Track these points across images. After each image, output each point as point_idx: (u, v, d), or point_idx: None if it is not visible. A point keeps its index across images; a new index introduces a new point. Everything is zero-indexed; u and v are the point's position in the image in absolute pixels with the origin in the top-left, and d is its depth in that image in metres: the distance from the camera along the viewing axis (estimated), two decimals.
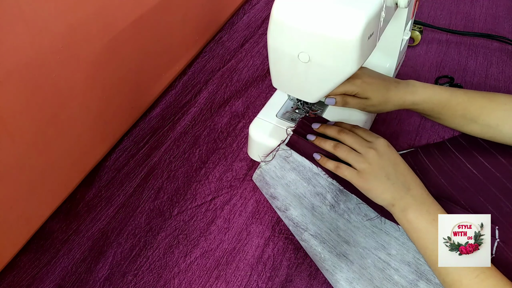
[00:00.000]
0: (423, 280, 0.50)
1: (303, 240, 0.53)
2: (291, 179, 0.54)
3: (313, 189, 0.53)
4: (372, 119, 0.68)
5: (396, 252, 0.52)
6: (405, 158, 0.62)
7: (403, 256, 0.51)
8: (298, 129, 0.55)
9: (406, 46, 0.70)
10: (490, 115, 0.52)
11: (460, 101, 0.52)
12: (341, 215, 0.53)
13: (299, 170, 0.54)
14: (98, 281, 0.54)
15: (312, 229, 0.53)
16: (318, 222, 0.53)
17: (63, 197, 0.61)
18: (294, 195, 0.54)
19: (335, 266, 0.50)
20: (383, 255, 0.51)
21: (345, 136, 0.51)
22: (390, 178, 0.48)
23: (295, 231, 0.54)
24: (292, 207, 0.54)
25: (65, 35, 0.50)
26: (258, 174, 0.57)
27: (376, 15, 0.43)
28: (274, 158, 0.55)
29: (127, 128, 0.70)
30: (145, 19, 0.64)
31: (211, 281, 0.53)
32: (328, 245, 0.51)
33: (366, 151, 0.49)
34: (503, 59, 0.79)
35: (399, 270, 0.50)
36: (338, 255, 0.51)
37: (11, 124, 0.48)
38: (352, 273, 0.49)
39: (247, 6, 0.95)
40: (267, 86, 0.77)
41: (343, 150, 0.50)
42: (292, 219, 0.54)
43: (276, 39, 0.46)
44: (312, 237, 0.52)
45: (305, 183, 0.54)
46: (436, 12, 0.90)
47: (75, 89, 0.55)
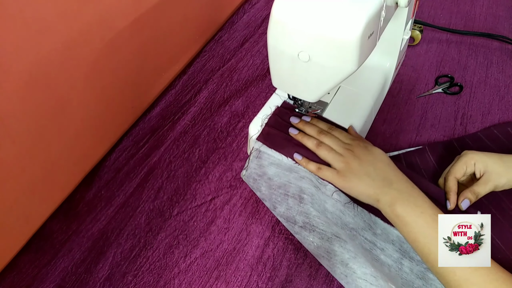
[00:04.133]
0: (406, 258, 0.51)
1: (296, 233, 0.53)
2: (272, 172, 0.55)
3: (297, 175, 0.54)
4: (372, 119, 0.68)
5: (381, 232, 0.52)
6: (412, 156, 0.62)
7: (388, 235, 0.52)
8: (270, 122, 0.57)
9: (406, 46, 0.70)
10: None
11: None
12: (329, 196, 0.53)
13: (277, 163, 0.55)
14: (98, 281, 0.54)
15: (300, 219, 0.52)
16: (307, 207, 0.52)
17: (63, 197, 0.61)
18: (279, 186, 0.54)
19: (329, 252, 0.50)
20: (369, 235, 0.52)
21: (324, 137, 0.53)
22: (370, 175, 0.49)
23: (288, 226, 0.54)
24: (278, 204, 0.54)
25: (65, 35, 0.50)
26: (245, 179, 0.57)
27: (376, 14, 0.43)
28: (250, 161, 0.56)
29: (127, 127, 0.70)
30: (145, 19, 0.64)
31: (211, 281, 0.53)
32: (318, 231, 0.51)
33: (345, 151, 0.51)
34: (503, 58, 0.79)
35: (385, 249, 0.51)
36: (329, 239, 0.50)
37: (11, 124, 0.48)
38: (347, 252, 0.49)
39: (247, 5, 0.95)
40: (267, 85, 0.77)
41: (323, 149, 0.52)
42: (282, 215, 0.54)
43: (276, 39, 0.46)
44: (302, 228, 0.52)
45: (287, 172, 0.54)
46: (436, 12, 0.90)
47: (75, 89, 0.55)
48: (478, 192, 0.51)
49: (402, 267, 0.50)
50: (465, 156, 0.53)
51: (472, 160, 0.52)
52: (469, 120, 0.69)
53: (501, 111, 0.70)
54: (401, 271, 0.50)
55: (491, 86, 0.74)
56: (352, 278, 0.48)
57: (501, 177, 0.51)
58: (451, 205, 0.52)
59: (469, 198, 0.51)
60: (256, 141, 0.57)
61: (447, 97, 0.73)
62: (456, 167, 0.53)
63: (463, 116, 0.69)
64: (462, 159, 0.53)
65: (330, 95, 0.65)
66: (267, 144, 0.56)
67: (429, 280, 0.49)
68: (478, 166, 0.52)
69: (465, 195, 0.51)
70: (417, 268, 0.50)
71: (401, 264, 0.50)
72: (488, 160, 0.52)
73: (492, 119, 0.69)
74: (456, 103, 0.72)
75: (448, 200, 0.52)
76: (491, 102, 0.71)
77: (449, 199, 0.52)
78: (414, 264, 0.50)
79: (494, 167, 0.52)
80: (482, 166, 0.52)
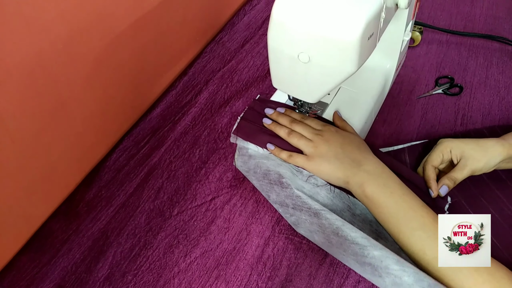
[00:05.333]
0: (382, 239, 0.51)
1: (292, 216, 0.54)
2: (253, 165, 0.57)
3: (275, 162, 0.55)
4: (372, 119, 0.68)
5: (360, 212, 0.53)
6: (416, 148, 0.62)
7: (366, 215, 0.52)
8: (246, 116, 0.59)
9: (406, 47, 0.70)
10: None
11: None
12: (306, 181, 0.54)
13: (254, 155, 0.57)
14: (98, 281, 0.54)
15: (290, 202, 0.53)
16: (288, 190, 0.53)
17: (63, 197, 0.61)
18: (263, 176, 0.55)
19: (320, 226, 0.50)
20: (348, 216, 0.52)
21: (295, 126, 0.55)
22: (339, 158, 0.50)
23: (283, 212, 0.55)
24: (270, 192, 0.56)
25: (65, 35, 0.50)
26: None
27: (376, 15, 0.43)
28: (236, 159, 0.59)
29: (127, 128, 0.70)
30: (146, 20, 0.64)
31: (211, 281, 0.53)
32: (305, 210, 0.51)
33: (314, 137, 0.52)
34: (503, 59, 0.79)
35: (362, 229, 0.51)
36: (316, 214, 0.50)
37: (11, 124, 0.48)
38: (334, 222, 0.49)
39: (248, 6, 0.95)
40: (267, 86, 0.77)
41: (294, 137, 0.53)
42: (275, 202, 0.55)
43: (276, 40, 0.46)
44: (294, 209, 0.53)
45: (265, 161, 0.56)
46: (436, 13, 0.90)
47: (75, 89, 0.55)
48: (456, 178, 0.52)
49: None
50: (441, 144, 0.54)
51: (448, 148, 0.53)
52: (469, 121, 0.69)
53: (501, 112, 0.70)
54: None
55: (491, 87, 0.74)
56: (347, 245, 0.48)
57: (478, 162, 0.52)
58: (434, 192, 0.52)
59: (447, 184, 0.52)
60: (232, 135, 0.58)
61: (447, 98, 0.73)
62: (432, 156, 0.54)
63: (463, 117, 0.69)
64: (438, 147, 0.54)
65: (330, 96, 0.65)
66: (242, 136, 0.57)
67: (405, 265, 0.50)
68: (454, 153, 0.53)
69: (443, 181, 0.52)
70: (391, 248, 0.51)
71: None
72: (465, 146, 0.53)
73: (492, 120, 0.69)
74: (456, 104, 0.72)
75: (430, 188, 0.53)
76: (491, 103, 0.71)
77: (430, 187, 0.53)
78: (389, 245, 0.51)
79: (470, 152, 0.52)
80: (459, 152, 0.53)
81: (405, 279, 0.43)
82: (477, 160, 0.52)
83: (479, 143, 0.53)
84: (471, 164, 0.52)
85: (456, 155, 0.53)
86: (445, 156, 0.54)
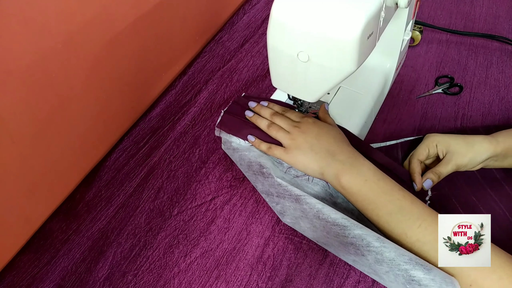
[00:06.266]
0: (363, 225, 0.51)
1: (278, 204, 0.54)
2: (237, 157, 0.58)
3: (256, 153, 0.56)
4: (372, 119, 0.68)
5: (342, 201, 0.53)
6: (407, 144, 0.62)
7: (348, 204, 0.52)
8: (230, 110, 0.60)
9: (407, 47, 0.70)
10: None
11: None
12: (286, 172, 0.54)
13: (238, 147, 0.57)
14: (98, 281, 0.54)
15: (274, 191, 0.53)
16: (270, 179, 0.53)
17: (63, 197, 0.61)
18: (247, 168, 0.56)
19: (303, 211, 0.50)
20: (329, 204, 0.52)
21: (276, 118, 0.55)
22: (313, 149, 0.50)
23: (270, 201, 0.55)
24: (255, 183, 0.56)
25: (65, 35, 0.50)
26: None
27: (375, 14, 0.43)
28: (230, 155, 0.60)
29: (127, 128, 0.70)
30: (145, 19, 0.64)
31: (211, 281, 0.53)
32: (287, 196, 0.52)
33: (292, 129, 0.53)
34: (503, 59, 0.79)
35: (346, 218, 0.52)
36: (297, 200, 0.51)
37: (11, 124, 0.48)
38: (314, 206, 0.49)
39: (247, 6, 0.95)
40: (267, 86, 0.77)
41: (273, 129, 0.54)
42: (262, 191, 0.56)
43: (275, 39, 0.46)
44: (279, 197, 0.53)
45: (246, 152, 0.56)
46: (436, 12, 0.90)
47: (75, 89, 0.55)
48: (440, 172, 0.52)
49: None
50: (427, 139, 0.54)
51: (434, 142, 0.53)
52: (469, 120, 0.69)
53: (501, 111, 0.70)
54: None
55: (491, 87, 0.74)
56: (329, 227, 0.48)
57: (463, 157, 0.52)
58: (417, 186, 0.52)
59: (431, 178, 0.52)
60: (216, 129, 0.59)
61: (447, 97, 0.73)
62: (419, 150, 0.54)
63: (463, 116, 0.69)
64: (425, 142, 0.54)
65: (330, 96, 0.65)
66: (226, 130, 0.58)
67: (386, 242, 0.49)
68: (440, 147, 0.53)
69: (428, 175, 0.52)
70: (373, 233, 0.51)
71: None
72: (451, 141, 0.53)
73: (492, 119, 0.69)
74: (456, 103, 0.72)
75: (414, 181, 0.53)
76: (491, 102, 0.71)
77: (414, 181, 0.53)
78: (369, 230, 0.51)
79: (456, 147, 0.52)
80: (444, 147, 0.53)
81: (387, 255, 0.43)
82: (462, 155, 0.52)
83: (465, 139, 0.53)
84: (456, 159, 0.52)
85: (442, 149, 0.53)
86: (431, 151, 0.54)
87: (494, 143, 0.52)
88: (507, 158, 0.54)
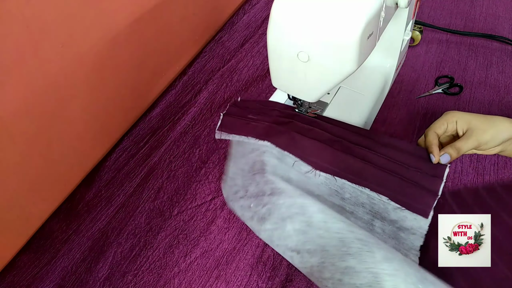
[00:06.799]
0: (377, 219, 0.50)
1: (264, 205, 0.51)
2: (243, 163, 0.56)
3: (259, 152, 0.55)
4: (372, 120, 0.68)
5: (350, 195, 0.52)
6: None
7: (357, 198, 0.51)
8: (229, 112, 0.59)
9: (407, 47, 0.70)
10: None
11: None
12: (291, 167, 0.53)
13: (244, 152, 0.56)
14: (98, 281, 0.54)
15: (268, 188, 0.52)
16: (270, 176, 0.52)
17: (63, 197, 0.61)
18: (249, 170, 0.55)
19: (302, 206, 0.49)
20: (337, 200, 0.51)
21: None
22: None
23: (256, 204, 0.53)
24: (250, 186, 0.54)
25: (65, 36, 0.50)
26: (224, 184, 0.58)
27: (375, 14, 0.43)
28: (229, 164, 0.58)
29: (127, 128, 0.70)
30: (145, 19, 0.64)
31: (211, 281, 0.53)
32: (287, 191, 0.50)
33: None
34: (503, 59, 0.79)
35: (354, 212, 0.51)
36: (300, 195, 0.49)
37: (11, 124, 0.48)
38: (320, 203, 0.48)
39: (247, 6, 0.95)
40: (267, 85, 0.77)
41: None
42: (252, 195, 0.54)
43: (275, 39, 0.46)
44: (271, 196, 0.51)
45: (251, 154, 0.55)
46: (436, 12, 0.90)
47: (75, 89, 0.55)
48: (459, 148, 0.49)
49: (374, 228, 0.50)
50: (446, 114, 0.52)
51: (454, 118, 0.51)
52: None
53: (501, 111, 0.70)
54: (373, 231, 0.50)
55: (491, 87, 0.74)
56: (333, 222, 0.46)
57: (484, 133, 0.49)
58: (435, 157, 0.49)
59: (450, 153, 0.49)
60: (216, 132, 0.58)
61: (447, 97, 0.73)
62: (437, 123, 0.51)
63: None
64: (444, 117, 0.52)
65: (330, 96, 0.65)
66: (227, 131, 0.58)
67: (401, 239, 0.49)
68: (460, 124, 0.50)
69: (446, 149, 0.49)
70: (389, 228, 0.49)
71: (372, 225, 0.50)
72: (471, 117, 0.50)
73: None
74: (456, 103, 0.72)
75: (431, 153, 0.50)
76: (491, 102, 0.71)
77: (432, 152, 0.50)
78: (386, 224, 0.50)
79: (477, 124, 0.50)
80: (465, 123, 0.50)
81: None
82: (484, 131, 0.49)
83: (486, 117, 0.51)
84: (477, 135, 0.49)
85: (462, 126, 0.50)
86: (449, 126, 0.51)
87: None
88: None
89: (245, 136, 0.56)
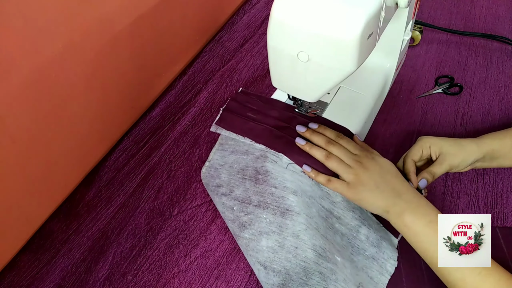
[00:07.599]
0: (365, 225, 0.53)
1: (246, 214, 0.53)
2: (232, 160, 0.57)
3: (253, 156, 0.55)
4: (372, 120, 0.68)
5: (342, 199, 0.53)
6: None
7: (349, 202, 0.53)
8: (229, 107, 0.59)
9: (407, 47, 0.70)
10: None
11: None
12: (286, 168, 0.54)
13: (236, 149, 0.57)
14: (98, 281, 0.54)
15: (255, 199, 0.53)
16: (262, 187, 0.53)
17: (63, 197, 0.61)
18: (238, 171, 0.56)
19: (281, 226, 0.50)
20: (327, 203, 0.53)
21: (332, 148, 0.53)
22: (379, 186, 0.49)
23: (240, 209, 0.54)
24: (236, 188, 0.55)
25: (65, 36, 0.50)
26: (205, 170, 0.60)
27: (375, 14, 0.43)
28: (214, 153, 0.60)
29: (127, 128, 0.70)
30: (145, 19, 0.64)
31: (211, 281, 0.53)
32: (271, 208, 0.51)
33: (353, 163, 0.51)
34: (503, 59, 0.79)
35: (342, 217, 0.53)
36: (282, 213, 0.50)
37: (11, 124, 0.48)
38: (298, 225, 0.49)
39: (247, 6, 0.95)
40: (267, 85, 0.77)
41: (333, 161, 0.52)
42: (237, 198, 0.55)
43: (275, 39, 0.46)
44: (256, 207, 0.52)
45: (244, 156, 0.56)
46: (436, 12, 0.90)
47: (75, 89, 0.55)
48: (434, 172, 0.53)
49: (358, 235, 0.52)
50: (420, 141, 0.56)
51: (427, 144, 0.55)
52: (469, 120, 0.69)
53: (501, 111, 0.70)
54: (356, 239, 0.52)
55: (491, 87, 0.74)
56: (303, 249, 0.48)
57: (455, 157, 0.54)
58: (414, 184, 0.53)
59: (426, 177, 0.53)
60: (213, 125, 0.58)
61: (447, 97, 0.73)
62: (412, 151, 0.55)
63: (463, 116, 0.69)
64: (418, 143, 0.56)
65: (330, 96, 0.65)
66: (225, 127, 0.58)
67: (382, 248, 0.52)
68: (433, 149, 0.55)
69: (423, 175, 0.53)
70: (374, 235, 0.52)
71: (358, 232, 0.52)
72: (443, 143, 0.55)
73: (492, 119, 0.69)
74: (456, 103, 0.72)
75: (410, 181, 0.53)
76: (491, 102, 0.71)
77: (410, 180, 0.53)
78: (372, 232, 0.52)
79: (448, 149, 0.54)
80: (437, 148, 0.55)
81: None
82: (455, 156, 0.54)
83: (456, 141, 0.55)
84: (449, 160, 0.54)
85: (435, 151, 0.55)
86: (424, 152, 0.55)
87: (481, 145, 0.55)
88: (494, 159, 0.56)
89: (242, 136, 0.57)
